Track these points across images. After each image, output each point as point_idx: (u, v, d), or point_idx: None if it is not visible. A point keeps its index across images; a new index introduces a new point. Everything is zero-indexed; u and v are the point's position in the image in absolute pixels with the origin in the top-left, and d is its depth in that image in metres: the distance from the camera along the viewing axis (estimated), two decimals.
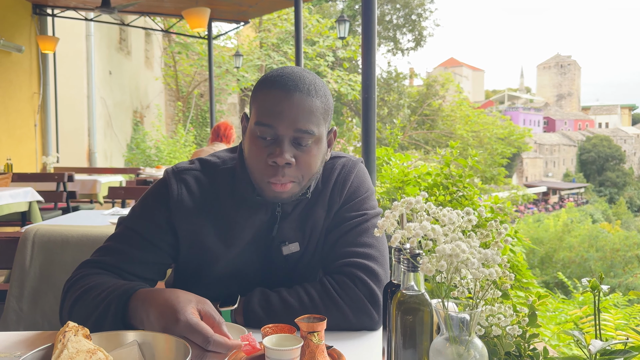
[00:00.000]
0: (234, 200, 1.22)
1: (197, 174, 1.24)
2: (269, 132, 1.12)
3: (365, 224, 1.23)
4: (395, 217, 0.69)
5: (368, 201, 1.28)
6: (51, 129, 8.19)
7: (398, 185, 2.97)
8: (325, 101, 1.16)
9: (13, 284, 1.69)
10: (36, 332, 1.18)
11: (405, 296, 0.74)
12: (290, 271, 1.26)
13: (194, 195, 1.21)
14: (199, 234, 1.21)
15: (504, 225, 0.71)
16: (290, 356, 0.92)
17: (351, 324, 1.14)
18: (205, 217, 1.21)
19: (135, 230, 1.20)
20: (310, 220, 1.25)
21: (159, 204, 1.21)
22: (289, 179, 1.13)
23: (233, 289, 1.22)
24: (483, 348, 0.68)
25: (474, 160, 2.86)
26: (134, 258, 1.18)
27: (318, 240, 1.26)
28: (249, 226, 1.22)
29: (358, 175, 1.30)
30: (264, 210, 1.23)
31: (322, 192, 1.26)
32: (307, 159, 1.14)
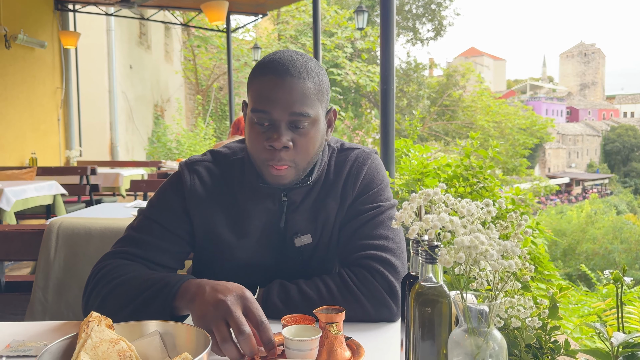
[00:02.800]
0: (243, 190, 1.25)
1: (209, 165, 1.28)
2: (265, 117, 1.14)
3: (380, 216, 1.23)
4: (413, 208, 0.69)
5: (383, 193, 1.27)
6: (74, 123, 8.33)
7: (417, 177, 2.95)
8: (318, 82, 1.17)
9: (38, 275, 1.73)
10: (61, 322, 1.20)
11: (423, 288, 0.74)
12: (305, 264, 1.26)
13: (206, 185, 1.25)
14: (211, 222, 1.24)
15: (524, 217, 0.70)
16: (309, 346, 0.92)
17: (370, 316, 1.14)
18: (217, 206, 1.24)
19: (154, 220, 1.23)
20: (322, 212, 1.25)
21: (175, 194, 1.25)
22: (287, 162, 1.15)
23: (249, 281, 1.23)
24: (502, 340, 0.67)
25: (494, 152, 2.82)
26: (156, 247, 1.21)
27: (332, 232, 1.26)
28: (257, 216, 1.24)
29: (371, 167, 1.29)
30: (271, 199, 1.24)
31: (334, 184, 1.27)
32: (304, 141, 1.16)
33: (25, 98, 7.01)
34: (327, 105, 1.24)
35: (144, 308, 1.07)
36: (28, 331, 1.11)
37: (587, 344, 2.63)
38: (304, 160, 1.18)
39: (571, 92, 74.97)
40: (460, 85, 24.03)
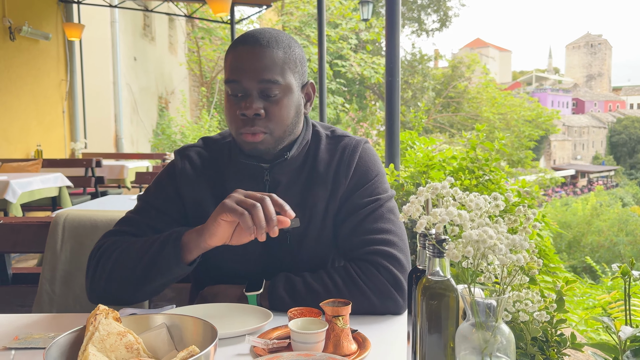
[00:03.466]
0: (230, 169, 1.29)
1: (199, 149, 1.34)
2: (237, 88, 1.18)
3: (379, 209, 1.23)
4: (420, 202, 0.68)
5: (379, 184, 1.27)
6: (79, 115, 8.34)
7: (422, 170, 2.94)
8: (289, 52, 1.20)
9: (45, 267, 1.74)
10: (68, 314, 1.21)
11: (430, 282, 0.74)
12: (295, 251, 1.25)
13: (196, 167, 1.30)
14: (199, 201, 1.28)
15: (532, 211, 0.69)
16: (316, 339, 0.93)
17: (376, 310, 1.14)
18: (205, 186, 1.28)
19: (150, 203, 1.29)
20: (310, 199, 1.25)
21: (168, 178, 1.31)
22: (260, 129, 1.18)
23: (237, 265, 1.25)
24: (510, 334, 0.67)
25: (500, 144, 2.81)
26: (151, 228, 1.25)
27: (322, 222, 1.25)
28: None
29: (363, 157, 1.29)
30: (254, 179, 1.26)
31: (324, 172, 1.26)
32: (276, 109, 1.18)
33: (30, 90, 7.02)
34: (303, 79, 1.25)
35: (153, 264, 1.13)
36: (35, 323, 1.12)
37: (592, 336, 2.63)
38: (279, 128, 1.20)
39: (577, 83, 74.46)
40: (466, 77, 23.90)
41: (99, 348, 0.74)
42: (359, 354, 0.95)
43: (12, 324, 1.11)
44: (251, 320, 1.08)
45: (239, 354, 0.96)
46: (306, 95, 1.27)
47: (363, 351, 0.96)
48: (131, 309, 1.17)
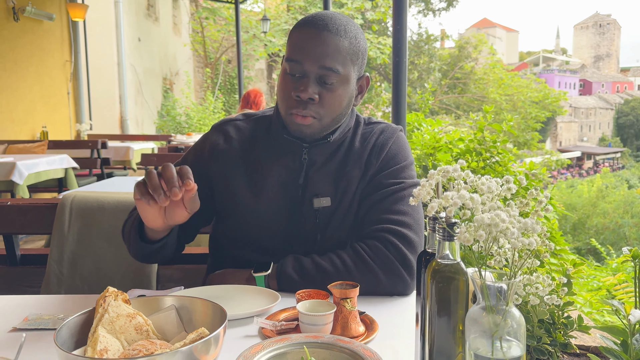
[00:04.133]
0: (266, 145, 1.29)
1: (239, 123, 1.35)
2: (296, 68, 1.18)
3: (402, 192, 1.23)
4: (431, 185, 0.68)
5: (407, 170, 1.28)
6: (84, 96, 8.32)
7: (429, 152, 2.92)
8: (354, 43, 1.20)
9: (53, 248, 1.75)
10: (77, 295, 1.22)
11: (440, 265, 0.73)
12: (321, 229, 1.26)
13: (231, 141, 1.31)
14: (230, 177, 1.28)
15: (545, 194, 0.68)
16: (324, 321, 0.93)
17: (383, 288, 1.14)
18: (238, 161, 1.29)
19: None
20: (344, 178, 1.26)
21: (198, 154, 1.33)
22: (310, 114, 1.19)
23: (264, 243, 1.26)
24: (520, 317, 0.66)
25: (508, 125, 2.78)
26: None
27: (351, 201, 1.26)
28: (276, 172, 1.26)
29: (397, 142, 1.31)
30: (292, 156, 1.27)
31: (360, 152, 1.28)
32: (330, 97, 1.19)
33: (35, 71, 6.99)
34: (360, 71, 1.26)
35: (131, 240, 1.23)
36: (45, 304, 1.12)
37: (597, 318, 2.64)
38: (329, 115, 1.21)
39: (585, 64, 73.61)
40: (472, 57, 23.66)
41: (108, 330, 0.74)
42: (366, 335, 0.95)
43: (21, 304, 1.12)
44: (259, 301, 1.09)
45: (248, 335, 0.96)
46: (359, 88, 1.28)
47: (371, 333, 0.96)
48: (139, 291, 1.18)
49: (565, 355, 1.69)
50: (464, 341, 0.74)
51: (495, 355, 0.65)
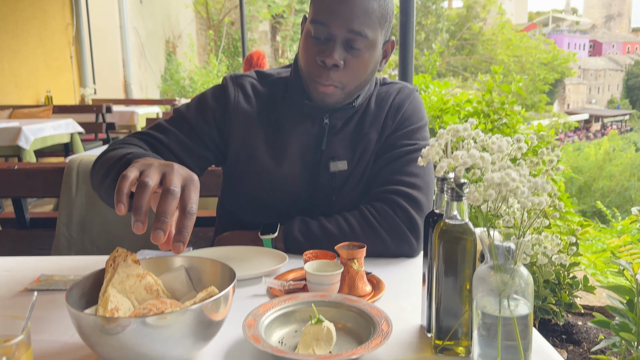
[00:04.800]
0: (285, 108, 1.25)
1: (253, 81, 1.28)
2: (322, 31, 1.12)
3: (414, 153, 1.22)
4: (441, 145, 0.67)
5: (421, 131, 1.27)
6: (86, 60, 8.24)
7: (437, 114, 2.89)
8: (383, 5, 1.14)
9: (61, 212, 1.77)
10: (87, 257, 1.24)
11: (448, 225, 0.73)
12: (336, 191, 1.25)
13: (250, 100, 1.25)
14: (250, 139, 1.24)
15: (556, 153, 0.68)
16: (331, 281, 0.94)
17: (390, 251, 1.15)
18: (259, 123, 1.24)
19: (186, 118, 1.23)
20: (362, 141, 1.24)
21: (215, 103, 1.25)
22: (333, 82, 1.14)
23: (279, 205, 1.24)
24: (529, 276, 0.67)
25: (517, 87, 2.73)
26: (179, 140, 1.21)
27: (367, 163, 1.25)
28: (296, 137, 1.23)
29: (413, 103, 1.28)
30: (312, 120, 1.23)
31: (377, 115, 1.26)
32: (356, 63, 1.14)
33: (36, 34, 6.91)
34: (387, 34, 1.20)
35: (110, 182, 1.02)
36: (56, 265, 1.14)
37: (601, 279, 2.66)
38: (352, 83, 1.17)
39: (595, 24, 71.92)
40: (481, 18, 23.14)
41: (118, 290, 0.75)
42: (373, 295, 0.96)
43: (33, 266, 1.14)
44: (267, 262, 1.10)
45: (256, 295, 0.98)
46: (384, 52, 1.22)
47: (377, 292, 0.97)
48: (149, 252, 1.19)
49: (570, 314, 1.71)
50: (470, 300, 0.74)
51: (503, 314, 0.65)
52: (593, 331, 1.61)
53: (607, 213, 5.85)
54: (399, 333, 0.83)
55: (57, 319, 0.87)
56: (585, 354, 1.47)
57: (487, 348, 0.67)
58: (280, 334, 0.82)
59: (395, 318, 0.84)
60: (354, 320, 0.83)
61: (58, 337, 0.80)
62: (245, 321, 0.79)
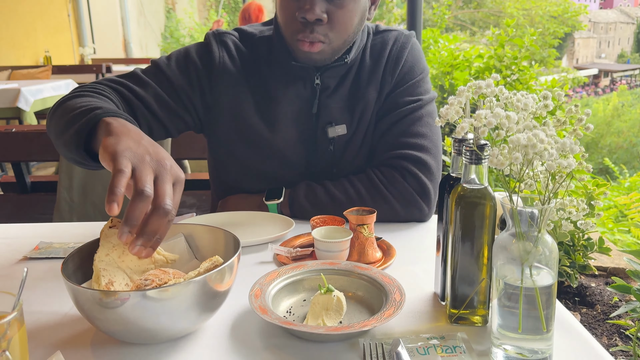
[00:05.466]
0: (272, 71, 1.16)
1: (236, 40, 1.18)
2: None
3: (419, 111, 1.14)
4: (460, 104, 0.61)
5: (423, 84, 1.18)
6: (84, 18, 8.06)
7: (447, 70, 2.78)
8: None
9: (62, 175, 1.73)
10: (87, 223, 1.20)
11: (466, 190, 0.68)
12: (337, 158, 1.18)
13: (235, 62, 1.15)
14: (239, 105, 1.14)
15: (586, 111, 0.62)
16: (340, 248, 0.90)
17: (399, 217, 1.10)
18: (246, 87, 1.15)
19: (166, 74, 1.12)
20: (360, 102, 1.16)
21: (199, 60, 1.14)
22: (319, 38, 1.05)
23: (277, 176, 1.18)
24: (553, 244, 0.62)
25: (531, 40, 2.62)
26: (156, 94, 1.09)
27: (368, 125, 1.17)
28: (287, 101, 1.15)
29: (412, 53, 1.18)
30: (302, 82, 1.15)
31: (374, 70, 1.16)
32: (341, 15, 1.04)
33: None
34: None
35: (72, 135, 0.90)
36: (55, 232, 1.11)
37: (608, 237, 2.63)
38: (340, 37, 1.07)
39: None
40: None
41: (107, 262, 0.71)
42: (384, 261, 0.93)
43: (32, 233, 1.10)
44: (273, 228, 1.06)
45: (262, 262, 0.94)
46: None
47: (388, 259, 0.93)
48: None
49: (583, 276, 1.68)
50: (489, 268, 0.70)
51: (525, 284, 0.61)
52: (607, 293, 1.59)
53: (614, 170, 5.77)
54: (412, 301, 0.79)
55: (56, 289, 0.84)
56: (599, 316, 1.45)
57: (507, 318, 0.64)
58: (288, 304, 0.79)
59: (407, 285, 0.81)
60: (365, 288, 0.80)
61: (57, 309, 0.77)
62: (252, 291, 0.75)
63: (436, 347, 0.66)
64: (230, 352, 0.67)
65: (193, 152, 1.75)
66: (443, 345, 0.67)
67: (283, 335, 0.70)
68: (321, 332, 0.66)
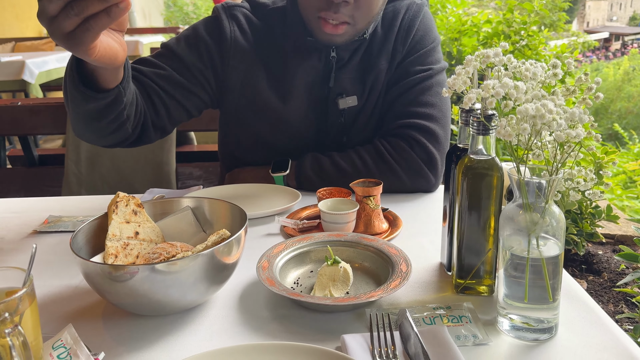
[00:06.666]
0: (286, 44, 1.13)
1: (247, 12, 1.16)
2: None
3: (429, 80, 1.13)
4: (468, 73, 0.60)
5: (434, 53, 1.16)
6: None
7: (454, 36, 2.73)
8: None
9: (69, 148, 1.73)
10: (96, 196, 1.21)
11: (473, 161, 0.68)
12: (346, 129, 1.18)
13: (247, 35, 1.13)
14: (252, 78, 1.13)
15: (597, 79, 0.61)
16: (346, 219, 0.90)
17: (406, 187, 1.10)
18: (258, 59, 1.13)
19: (177, 55, 1.10)
20: (372, 73, 1.14)
21: (209, 37, 1.12)
22: (343, 19, 1.01)
23: (286, 147, 1.17)
24: (560, 214, 0.62)
25: (540, 4, 2.55)
26: (167, 76, 1.08)
27: (379, 96, 1.16)
28: (301, 74, 1.13)
29: (424, 22, 1.16)
30: (317, 56, 1.13)
31: (385, 41, 1.14)
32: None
33: None
34: None
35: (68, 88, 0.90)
36: (64, 206, 1.12)
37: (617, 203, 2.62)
38: (365, 18, 1.04)
39: None
40: None
41: (118, 237, 0.72)
42: (390, 232, 0.93)
43: (42, 206, 1.11)
44: (279, 200, 1.06)
45: (269, 234, 0.95)
46: None
47: (394, 230, 0.93)
48: (158, 190, 1.16)
49: (590, 244, 1.68)
50: (496, 239, 0.70)
51: (532, 254, 0.61)
52: (614, 261, 1.59)
53: (624, 135, 5.71)
54: (418, 272, 0.80)
55: (66, 262, 0.85)
56: (606, 284, 1.46)
57: (514, 288, 0.64)
58: (296, 275, 0.80)
59: (414, 256, 0.81)
60: (371, 259, 0.80)
61: (68, 282, 0.78)
62: (259, 263, 0.76)
63: (442, 317, 0.67)
64: (239, 323, 0.68)
65: (199, 124, 1.75)
66: (449, 315, 0.68)
67: (291, 306, 0.71)
68: (328, 302, 0.67)
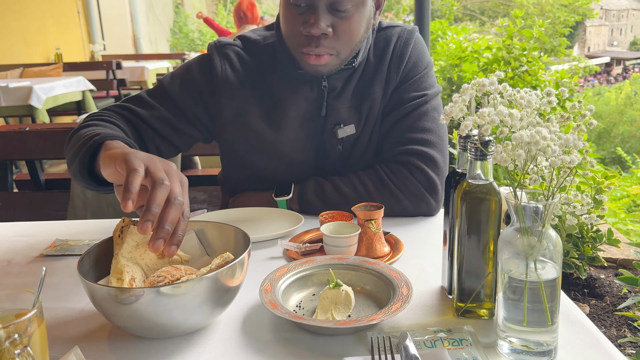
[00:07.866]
0: (277, 77, 1.16)
1: (239, 50, 1.19)
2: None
3: (424, 106, 1.15)
4: (464, 101, 0.62)
5: (427, 78, 1.18)
6: (94, 14, 8.09)
7: (455, 63, 2.77)
8: None
9: None
10: (102, 220, 1.23)
11: (471, 186, 0.70)
12: (345, 157, 1.20)
13: (238, 72, 1.16)
14: (244, 113, 1.16)
15: (589, 107, 0.63)
16: (348, 243, 0.91)
17: (407, 212, 1.12)
18: (250, 95, 1.16)
19: (170, 94, 1.15)
20: (367, 100, 1.16)
21: (201, 75, 1.16)
22: (325, 51, 1.04)
23: (286, 178, 1.19)
24: (557, 238, 0.63)
25: (539, 31, 2.60)
26: (161, 115, 1.13)
27: (375, 123, 1.18)
28: (294, 105, 1.15)
29: (416, 47, 1.18)
30: (309, 86, 1.15)
31: (378, 68, 1.17)
32: (346, 27, 1.04)
33: None
34: None
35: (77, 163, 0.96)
36: (70, 230, 1.13)
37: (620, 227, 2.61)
38: (346, 48, 1.07)
39: None
40: None
41: (128, 259, 0.73)
42: (392, 255, 0.94)
43: (48, 230, 1.13)
44: (282, 224, 1.08)
45: (272, 257, 0.96)
46: (376, 3, 1.11)
47: (396, 253, 0.94)
48: None
49: (592, 267, 1.68)
50: (495, 262, 0.71)
51: (530, 278, 0.62)
52: (616, 285, 1.59)
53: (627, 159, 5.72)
54: (419, 295, 0.81)
55: (73, 285, 0.86)
56: (608, 308, 1.45)
57: (512, 311, 0.65)
58: (298, 298, 0.81)
59: (415, 279, 0.82)
60: (373, 282, 0.81)
61: (75, 305, 0.79)
62: (262, 286, 0.77)
63: (443, 340, 0.68)
64: (242, 345, 0.69)
65: (204, 148, 1.77)
66: (450, 338, 0.68)
67: (293, 329, 0.72)
68: (330, 325, 0.68)
